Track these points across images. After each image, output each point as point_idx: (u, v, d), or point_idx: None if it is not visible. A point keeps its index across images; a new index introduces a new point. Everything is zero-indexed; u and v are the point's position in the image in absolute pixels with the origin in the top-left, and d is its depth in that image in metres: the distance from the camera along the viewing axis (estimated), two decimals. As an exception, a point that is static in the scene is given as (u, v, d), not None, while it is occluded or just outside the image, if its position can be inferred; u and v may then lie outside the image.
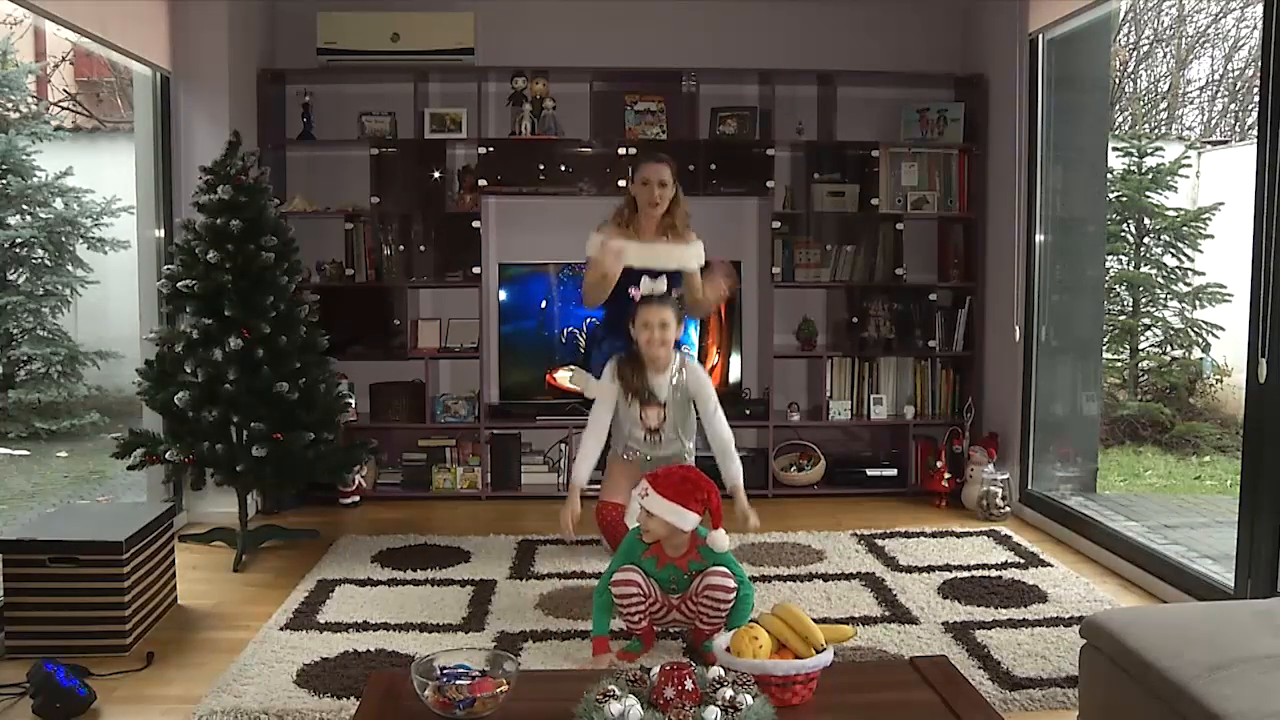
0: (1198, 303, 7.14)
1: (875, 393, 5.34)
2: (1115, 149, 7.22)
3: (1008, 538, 4.48)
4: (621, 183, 5.14)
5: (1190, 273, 7.21)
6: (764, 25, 5.44)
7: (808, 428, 5.38)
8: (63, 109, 9.77)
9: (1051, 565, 4.09)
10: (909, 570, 4.02)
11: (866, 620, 3.45)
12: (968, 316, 5.33)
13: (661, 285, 3.62)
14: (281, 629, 3.38)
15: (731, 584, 3.01)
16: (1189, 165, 7.57)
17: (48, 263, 7.46)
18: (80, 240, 7.53)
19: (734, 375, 5.31)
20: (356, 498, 5.06)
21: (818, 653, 2.11)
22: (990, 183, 5.24)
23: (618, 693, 1.82)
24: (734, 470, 3.59)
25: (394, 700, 2.08)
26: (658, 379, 3.61)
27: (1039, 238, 4.85)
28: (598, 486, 3.80)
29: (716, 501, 3.01)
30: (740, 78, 5.37)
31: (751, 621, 2.23)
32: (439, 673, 2.01)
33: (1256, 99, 3.51)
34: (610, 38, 5.34)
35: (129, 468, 4.01)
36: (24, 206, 7.42)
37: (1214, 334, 7.10)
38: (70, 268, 7.51)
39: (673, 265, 3.80)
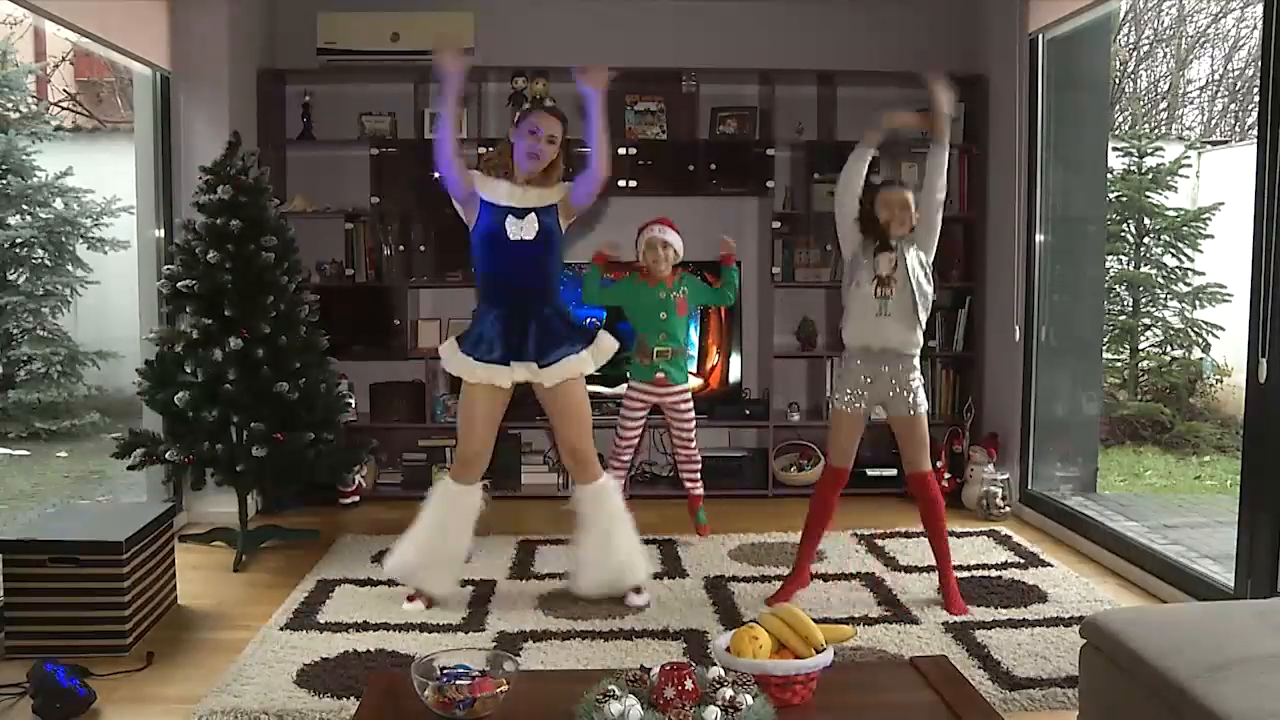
0: (1198, 303, 7.15)
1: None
2: (1115, 149, 7.22)
3: (1008, 538, 4.48)
4: (622, 182, 5.15)
5: (1190, 273, 7.21)
6: (764, 25, 5.43)
7: (808, 428, 5.37)
8: (63, 109, 9.78)
9: (1051, 565, 4.09)
10: (909, 570, 4.02)
11: (866, 620, 3.46)
12: (968, 317, 5.33)
13: (532, 226, 3.45)
14: (281, 629, 3.38)
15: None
16: (1189, 165, 7.57)
17: (48, 263, 7.46)
18: (80, 240, 7.53)
19: (734, 375, 5.31)
20: (356, 498, 5.06)
21: (818, 653, 2.11)
22: (990, 183, 5.23)
23: (618, 693, 1.81)
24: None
25: (394, 700, 2.08)
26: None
27: (1039, 238, 4.85)
28: None
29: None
30: (740, 78, 5.36)
31: (752, 622, 2.23)
32: (439, 673, 2.01)
33: (1256, 99, 3.51)
34: (610, 38, 5.34)
35: (129, 468, 4.02)
36: (24, 206, 7.42)
37: (1214, 334, 7.10)
38: (70, 268, 7.51)
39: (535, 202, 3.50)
